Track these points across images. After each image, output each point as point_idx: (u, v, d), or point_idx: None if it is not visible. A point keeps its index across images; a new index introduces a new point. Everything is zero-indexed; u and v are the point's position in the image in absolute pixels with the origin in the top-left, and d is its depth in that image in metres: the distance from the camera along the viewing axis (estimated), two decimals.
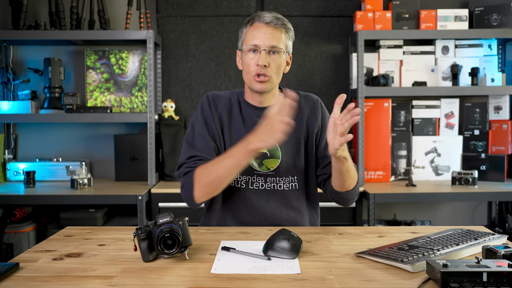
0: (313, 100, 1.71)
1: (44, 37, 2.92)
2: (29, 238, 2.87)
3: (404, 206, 3.29)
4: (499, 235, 1.37)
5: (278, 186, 1.63)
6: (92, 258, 1.26)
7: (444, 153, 3.13)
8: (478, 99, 3.24)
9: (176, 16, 3.24)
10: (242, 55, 1.61)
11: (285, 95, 1.41)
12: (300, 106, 1.68)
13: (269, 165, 1.63)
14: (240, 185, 1.63)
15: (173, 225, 1.22)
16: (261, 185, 1.63)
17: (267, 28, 1.55)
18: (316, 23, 3.25)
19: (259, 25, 1.56)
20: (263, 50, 1.54)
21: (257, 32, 1.56)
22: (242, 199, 1.63)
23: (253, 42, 1.55)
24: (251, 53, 1.56)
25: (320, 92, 3.26)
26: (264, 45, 1.54)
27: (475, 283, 0.98)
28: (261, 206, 1.62)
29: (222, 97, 1.69)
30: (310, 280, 1.08)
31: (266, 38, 1.54)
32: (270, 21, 1.55)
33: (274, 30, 1.55)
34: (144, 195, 2.70)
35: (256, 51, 1.56)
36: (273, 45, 1.55)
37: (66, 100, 2.96)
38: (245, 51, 1.58)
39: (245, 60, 1.59)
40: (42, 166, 3.11)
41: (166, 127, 3.11)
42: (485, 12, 2.98)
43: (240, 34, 1.63)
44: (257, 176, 1.63)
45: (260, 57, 1.54)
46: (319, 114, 1.70)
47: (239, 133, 1.63)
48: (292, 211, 1.65)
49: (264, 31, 1.55)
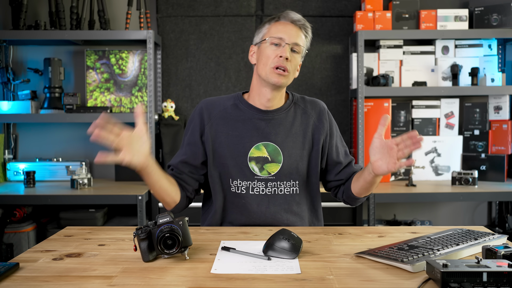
0: (320, 108, 1.71)
1: (44, 37, 2.92)
2: (29, 238, 2.87)
3: (404, 206, 3.29)
4: (499, 235, 1.37)
5: (279, 190, 1.62)
6: (92, 258, 1.26)
7: (444, 153, 3.13)
8: (478, 99, 3.24)
9: (176, 16, 3.24)
10: (262, 47, 1.60)
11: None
12: (306, 111, 1.69)
13: (270, 170, 1.62)
14: (240, 191, 1.61)
15: (173, 225, 1.22)
16: (261, 190, 1.61)
17: (293, 26, 1.59)
18: (316, 23, 3.25)
19: (284, 22, 1.59)
20: (287, 44, 1.56)
21: (282, 28, 1.58)
22: (242, 205, 1.62)
23: (278, 35, 1.57)
24: (274, 46, 1.57)
25: (320, 92, 3.26)
26: (289, 40, 1.56)
27: (475, 283, 0.98)
28: (262, 212, 1.61)
29: (216, 102, 1.67)
30: (310, 280, 1.08)
31: (292, 35, 1.57)
32: (297, 19, 1.59)
33: (298, 30, 1.59)
34: (144, 195, 2.70)
35: (278, 45, 1.57)
36: (297, 43, 1.58)
37: (66, 100, 2.96)
38: (268, 43, 1.58)
39: (265, 51, 1.58)
40: (42, 166, 3.11)
41: (166, 127, 3.11)
42: (485, 12, 2.98)
43: (261, 29, 1.63)
44: (257, 181, 1.61)
45: (284, 49, 1.55)
46: (326, 122, 1.70)
47: (237, 138, 1.61)
48: (292, 215, 1.64)
49: (291, 28, 1.58)
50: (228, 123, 1.63)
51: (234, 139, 1.62)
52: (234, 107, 1.66)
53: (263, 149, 1.62)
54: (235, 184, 1.61)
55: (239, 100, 1.67)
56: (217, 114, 1.64)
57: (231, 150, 1.61)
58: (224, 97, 1.71)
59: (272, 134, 1.62)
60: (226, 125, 1.63)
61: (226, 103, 1.67)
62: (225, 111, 1.65)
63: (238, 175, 1.61)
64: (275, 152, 1.62)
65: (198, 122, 1.64)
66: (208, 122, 1.63)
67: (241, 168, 1.60)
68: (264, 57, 1.58)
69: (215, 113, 1.64)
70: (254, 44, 1.65)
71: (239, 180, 1.61)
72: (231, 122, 1.63)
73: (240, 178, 1.61)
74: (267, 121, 1.63)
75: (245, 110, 1.65)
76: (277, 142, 1.62)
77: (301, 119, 1.67)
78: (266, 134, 1.62)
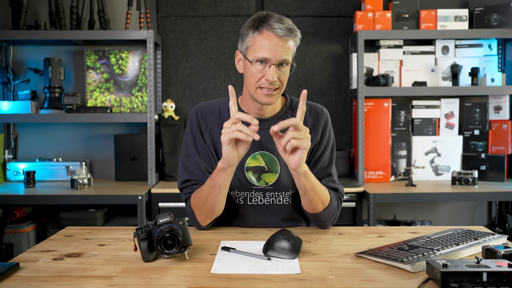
0: (317, 112, 1.62)
1: (44, 37, 2.92)
2: (29, 238, 2.87)
3: (404, 206, 3.29)
4: (499, 235, 1.37)
5: (278, 200, 1.58)
6: (92, 258, 1.26)
7: (444, 153, 3.13)
8: (478, 99, 3.24)
9: (176, 16, 3.24)
10: (247, 63, 1.48)
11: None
12: (304, 118, 1.56)
13: (267, 180, 1.57)
14: (238, 201, 1.58)
15: (173, 225, 1.22)
16: (259, 200, 1.58)
17: (278, 41, 1.42)
18: (316, 23, 3.25)
19: (270, 35, 1.42)
20: (273, 65, 1.43)
21: (267, 44, 1.42)
22: (240, 216, 1.60)
23: (262, 54, 1.42)
24: (259, 64, 1.44)
25: (320, 92, 3.26)
26: (275, 59, 1.42)
27: (475, 283, 0.98)
28: (260, 222, 1.58)
29: (211, 110, 1.60)
30: (310, 280, 1.08)
31: (278, 52, 1.42)
32: (284, 35, 1.42)
33: (285, 42, 1.43)
34: (144, 195, 2.70)
35: (264, 62, 1.44)
36: (284, 59, 1.43)
37: (66, 100, 2.96)
38: (252, 62, 1.45)
39: (250, 70, 1.46)
40: (42, 166, 3.11)
41: (166, 127, 3.11)
42: (485, 12, 2.98)
43: (244, 37, 1.48)
44: (255, 191, 1.57)
45: (270, 72, 1.42)
46: (321, 128, 1.60)
47: None
48: (291, 222, 1.62)
49: (276, 43, 1.42)
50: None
51: None
52: (228, 114, 1.56)
53: (259, 158, 1.57)
54: (233, 194, 1.57)
55: None
56: (213, 122, 1.59)
57: None
58: (218, 101, 1.63)
59: (268, 143, 1.56)
60: (220, 134, 1.55)
61: (221, 108, 1.60)
62: (221, 118, 1.59)
63: (236, 186, 1.56)
64: (272, 162, 1.57)
65: (199, 131, 1.58)
66: (205, 131, 1.58)
67: (238, 178, 1.55)
68: (250, 75, 1.47)
69: (211, 121, 1.59)
70: (240, 51, 1.52)
71: (236, 190, 1.56)
72: None
73: (238, 188, 1.56)
74: (262, 130, 1.52)
75: None
76: (273, 151, 1.56)
77: None
78: (261, 143, 1.55)
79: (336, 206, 1.56)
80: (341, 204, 1.60)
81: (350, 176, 3.16)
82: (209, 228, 1.55)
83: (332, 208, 1.53)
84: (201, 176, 1.55)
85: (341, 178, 3.02)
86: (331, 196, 1.53)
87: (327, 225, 1.56)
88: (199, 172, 1.55)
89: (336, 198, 1.57)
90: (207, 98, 3.23)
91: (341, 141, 3.27)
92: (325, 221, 1.54)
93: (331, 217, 1.54)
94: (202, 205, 1.48)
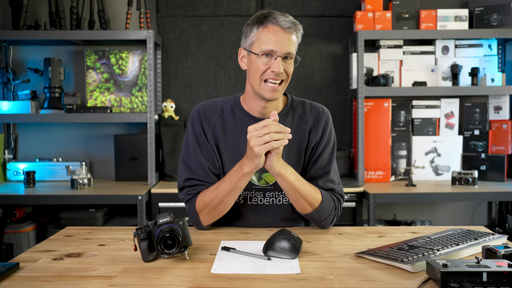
0: (318, 112, 1.62)
1: (44, 37, 2.92)
2: (29, 238, 2.87)
3: (404, 206, 3.29)
4: (499, 235, 1.37)
5: (277, 200, 1.58)
6: (92, 258, 1.26)
7: (444, 153, 3.13)
8: (478, 99, 3.24)
9: (176, 16, 3.24)
10: (252, 57, 1.48)
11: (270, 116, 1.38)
12: (304, 116, 1.60)
13: (267, 179, 1.57)
14: (238, 201, 1.57)
15: (173, 225, 1.22)
16: (259, 200, 1.58)
17: (283, 33, 1.45)
18: (316, 23, 3.25)
19: (274, 28, 1.45)
20: (279, 57, 1.45)
21: (273, 36, 1.44)
22: (239, 215, 1.59)
23: (268, 47, 1.44)
24: (264, 57, 1.45)
25: (320, 92, 3.26)
26: (281, 51, 1.44)
27: (475, 283, 0.98)
28: (259, 221, 1.58)
29: (213, 109, 1.59)
30: (310, 280, 1.08)
31: (283, 44, 1.44)
32: (288, 27, 1.45)
33: (290, 35, 1.46)
34: (144, 195, 2.70)
35: (270, 55, 1.46)
36: (289, 52, 1.46)
37: (66, 100, 2.96)
38: (258, 54, 1.46)
39: (256, 63, 1.47)
40: (42, 166, 3.11)
41: (166, 127, 3.11)
42: (485, 12, 2.98)
43: (248, 33, 1.50)
44: (255, 191, 1.57)
45: (277, 64, 1.44)
46: (321, 127, 1.60)
47: (235, 147, 1.56)
48: (290, 222, 1.62)
49: (281, 36, 1.44)
50: (225, 130, 1.58)
51: (231, 148, 1.57)
52: (231, 113, 1.58)
53: None
54: None
55: (236, 106, 1.60)
56: (215, 121, 1.58)
57: (229, 159, 1.57)
58: (219, 100, 1.63)
59: None
60: (223, 132, 1.58)
61: (223, 107, 1.60)
62: (222, 118, 1.59)
63: None
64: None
65: (201, 130, 1.57)
66: (208, 130, 1.58)
67: None
68: (254, 69, 1.48)
69: (213, 120, 1.58)
70: (243, 48, 1.53)
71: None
72: (228, 130, 1.58)
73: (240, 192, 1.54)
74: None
75: (241, 117, 1.58)
76: None
77: (298, 126, 1.59)
78: None
79: (333, 207, 1.55)
80: (340, 205, 1.59)
81: (350, 176, 3.16)
82: (209, 228, 1.55)
83: (326, 209, 1.52)
84: (204, 176, 1.54)
85: (341, 178, 3.00)
86: (323, 196, 1.52)
87: (325, 225, 1.56)
88: (201, 171, 1.55)
89: (332, 198, 1.56)
90: (207, 98, 3.23)
91: (341, 141, 3.27)
92: (320, 221, 1.54)
93: (327, 218, 1.54)
94: (215, 207, 1.48)
